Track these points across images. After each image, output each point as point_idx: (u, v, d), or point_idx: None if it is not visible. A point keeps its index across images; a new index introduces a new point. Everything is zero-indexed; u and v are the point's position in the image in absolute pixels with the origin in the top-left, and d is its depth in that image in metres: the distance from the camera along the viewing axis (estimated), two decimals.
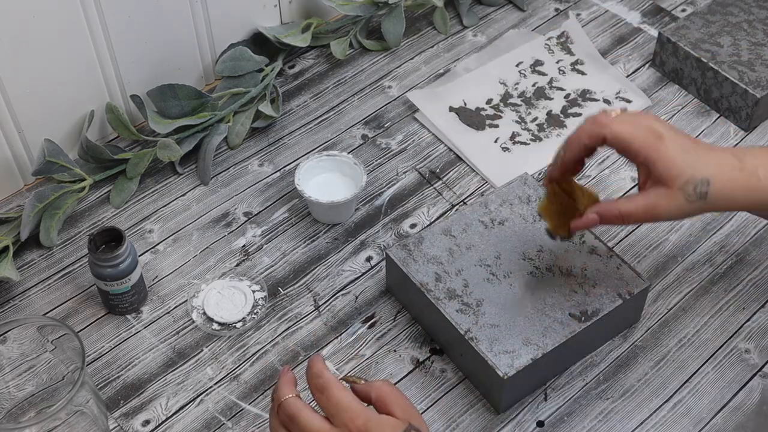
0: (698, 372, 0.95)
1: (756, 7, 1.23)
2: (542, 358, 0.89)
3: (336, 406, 0.74)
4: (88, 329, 0.99)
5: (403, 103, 1.22)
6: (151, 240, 1.07)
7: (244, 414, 0.92)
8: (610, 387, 0.94)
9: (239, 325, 0.98)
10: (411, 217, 1.09)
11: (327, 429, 0.74)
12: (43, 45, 1.04)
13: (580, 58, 1.27)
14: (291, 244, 1.06)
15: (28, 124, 1.07)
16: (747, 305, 1.00)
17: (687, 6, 1.34)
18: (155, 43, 1.14)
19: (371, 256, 1.05)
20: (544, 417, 0.92)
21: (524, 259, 0.96)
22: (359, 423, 0.73)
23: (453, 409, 0.92)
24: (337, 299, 1.01)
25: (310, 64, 1.27)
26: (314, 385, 0.76)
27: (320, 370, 0.76)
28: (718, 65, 1.16)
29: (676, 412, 0.92)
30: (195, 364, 0.96)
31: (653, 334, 0.98)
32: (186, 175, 1.14)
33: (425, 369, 0.95)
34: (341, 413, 0.74)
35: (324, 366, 0.77)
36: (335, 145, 1.17)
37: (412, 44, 1.30)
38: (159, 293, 1.02)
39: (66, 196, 1.07)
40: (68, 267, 1.05)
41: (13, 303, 1.01)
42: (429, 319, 0.96)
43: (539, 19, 1.33)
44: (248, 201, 1.11)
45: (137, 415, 0.92)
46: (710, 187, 0.83)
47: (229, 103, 1.17)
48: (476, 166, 1.13)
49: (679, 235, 1.06)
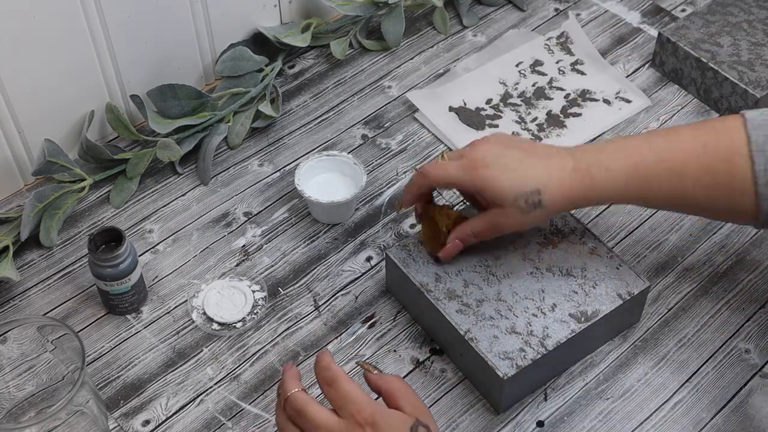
0: (698, 372, 0.95)
1: (756, 7, 1.23)
2: (542, 359, 0.89)
3: (344, 398, 0.74)
4: (88, 329, 0.99)
5: (403, 103, 1.22)
6: (151, 240, 1.07)
7: (244, 414, 0.92)
8: (610, 387, 0.94)
9: (239, 325, 0.98)
10: (411, 217, 1.09)
11: (334, 422, 0.74)
12: (43, 45, 1.04)
13: (579, 58, 1.27)
14: (291, 244, 1.06)
15: (28, 124, 1.07)
16: (747, 305, 1.00)
17: (687, 6, 1.34)
18: (155, 43, 1.14)
19: (371, 256, 1.05)
20: (544, 417, 0.92)
21: (524, 259, 0.96)
22: (366, 415, 0.73)
23: (453, 409, 0.92)
24: (337, 299, 1.01)
25: (310, 64, 1.27)
26: (323, 377, 0.76)
27: (328, 363, 0.76)
28: (717, 65, 1.16)
29: (676, 412, 0.92)
30: (195, 364, 0.96)
31: (653, 334, 0.98)
32: (186, 175, 1.14)
33: (425, 369, 0.95)
34: (349, 405, 0.74)
35: (332, 360, 0.77)
36: (335, 145, 1.17)
37: (412, 44, 1.30)
38: (159, 293, 1.02)
39: (66, 196, 1.07)
40: (68, 267, 1.05)
41: (13, 303, 1.01)
42: (429, 320, 0.96)
43: (539, 19, 1.33)
44: (248, 201, 1.11)
45: (137, 415, 0.92)
46: (542, 195, 0.88)
47: (229, 103, 1.17)
48: None
49: (679, 235, 1.06)
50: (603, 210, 1.09)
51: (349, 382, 0.75)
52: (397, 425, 0.73)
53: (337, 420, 0.74)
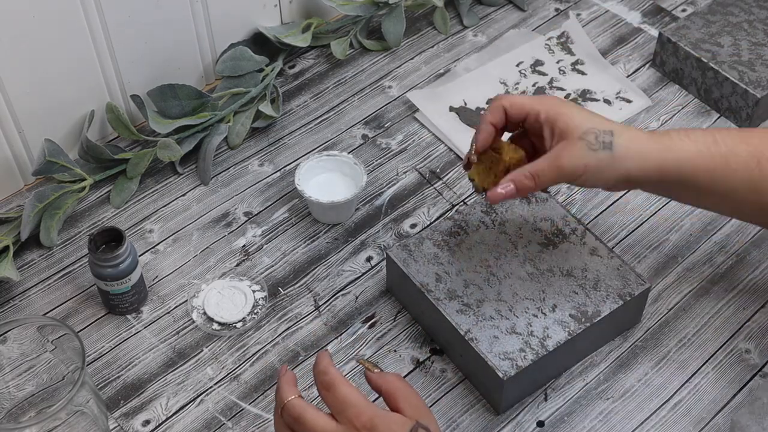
0: (698, 372, 0.95)
1: (756, 7, 1.23)
2: (542, 359, 0.89)
3: (342, 403, 0.74)
4: (88, 329, 0.99)
5: (403, 103, 1.22)
6: (151, 240, 1.07)
7: (244, 414, 0.92)
8: (610, 387, 0.94)
9: (239, 325, 0.98)
10: (411, 217, 1.09)
11: (333, 427, 0.73)
12: (43, 45, 1.04)
13: (580, 58, 1.27)
14: (291, 244, 1.06)
15: (28, 124, 1.07)
16: (747, 305, 1.00)
17: (687, 6, 1.34)
18: (155, 43, 1.14)
19: (371, 256, 1.05)
20: (544, 417, 0.92)
21: (525, 259, 0.96)
22: (365, 419, 0.73)
23: (453, 410, 0.92)
24: (337, 299, 1.01)
25: (310, 64, 1.27)
26: (320, 382, 0.75)
27: (326, 366, 0.75)
28: (718, 65, 1.16)
29: (677, 412, 0.92)
30: (195, 364, 0.96)
31: (653, 334, 0.98)
32: (186, 175, 1.14)
33: (425, 369, 0.95)
34: (347, 410, 0.73)
35: (330, 362, 0.76)
36: (335, 145, 1.17)
37: (412, 44, 1.30)
38: (159, 293, 1.02)
39: (66, 196, 1.07)
40: (68, 267, 1.05)
41: (13, 303, 1.01)
42: (429, 320, 0.96)
43: (539, 19, 1.33)
44: (248, 201, 1.11)
45: (137, 415, 0.92)
46: (614, 137, 0.84)
47: (229, 103, 1.17)
48: None
49: (679, 235, 1.06)
50: (603, 210, 1.09)
51: (347, 386, 0.74)
52: (396, 429, 0.73)
53: (336, 425, 0.73)
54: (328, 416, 0.74)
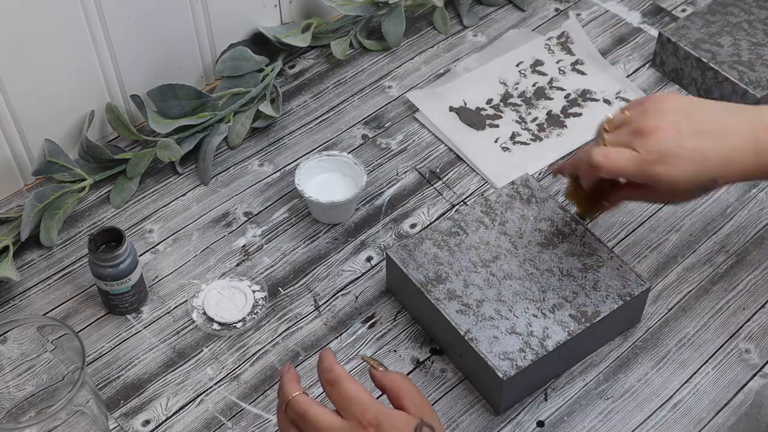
0: (698, 372, 0.95)
1: (756, 7, 1.23)
2: (542, 360, 0.89)
3: (347, 400, 0.74)
4: (88, 329, 0.99)
5: (403, 103, 1.22)
6: (151, 240, 1.07)
7: (244, 414, 0.92)
8: (610, 387, 0.94)
9: (239, 325, 0.98)
10: (411, 217, 1.09)
11: (338, 423, 0.73)
12: (43, 45, 1.03)
13: (580, 58, 1.27)
14: (291, 244, 1.06)
15: (28, 124, 1.07)
16: (747, 305, 1.00)
17: (687, 6, 1.34)
18: (155, 43, 1.14)
19: (371, 256, 1.05)
20: (544, 417, 0.92)
21: (525, 259, 0.96)
22: (369, 416, 0.72)
23: (453, 410, 0.92)
24: (337, 299, 1.01)
25: (310, 64, 1.27)
26: (325, 378, 0.75)
27: (331, 363, 0.76)
28: (718, 65, 1.16)
29: (677, 412, 0.92)
30: (195, 364, 0.96)
31: (653, 334, 0.98)
32: (186, 175, 1.14)
33: (425, 369, 0.95)
34: (352, 406, 0.73)
35: (334, 360, 0.76)
36: (335, 145, 1.17)
37: (412, 44, 1.30)
38: (159, 293, 1.02)
39: (66, 196, 1.07)
40: (68, 267, 1.05)
41: (13, 303, 1.01)
42: (429, 320, 0.96)
43: (539, 19, 1.33)
44: (248, 201, 1.11)
45: (137, 415, 0.92)
46: (718, 182, 0.87)
47: (229, 103, 1.17)
48: (476, 166, 1.13)
49: (679, 235, 1.06)
50: None
51: (352, 383, 0.75)
52: (400, 426, 0.73)
53: (341, 422, 0.73)
54: (333, 413, 0.74)
